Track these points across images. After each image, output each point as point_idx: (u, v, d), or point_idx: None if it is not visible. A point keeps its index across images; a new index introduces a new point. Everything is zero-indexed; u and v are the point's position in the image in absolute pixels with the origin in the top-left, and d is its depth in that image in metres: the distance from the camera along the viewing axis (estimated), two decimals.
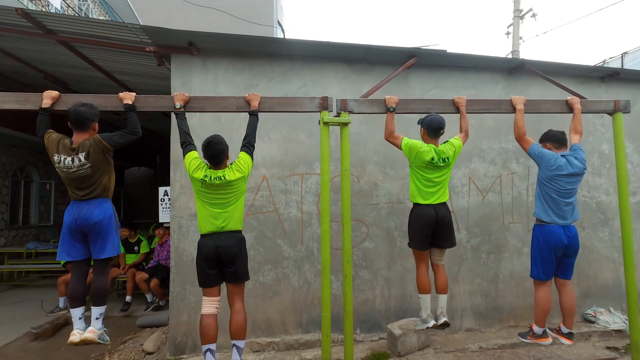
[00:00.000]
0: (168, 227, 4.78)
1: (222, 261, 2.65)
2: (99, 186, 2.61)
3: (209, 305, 2.68)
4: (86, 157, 2.53)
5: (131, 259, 5.67)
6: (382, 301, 3.92)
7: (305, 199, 3.85)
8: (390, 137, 3.08)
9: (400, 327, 3.58)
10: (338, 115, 2.97)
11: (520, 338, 3.15)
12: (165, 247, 5.42)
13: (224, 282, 2.78)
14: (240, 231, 2.76)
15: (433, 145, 3.00)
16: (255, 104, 2.84)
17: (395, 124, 3.08)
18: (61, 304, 5.14)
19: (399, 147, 3.07)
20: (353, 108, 3.00)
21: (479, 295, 4.11)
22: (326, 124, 2.87)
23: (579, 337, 3.86)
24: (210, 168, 2.67)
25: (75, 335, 2.53)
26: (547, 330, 3.08)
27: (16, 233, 7.93)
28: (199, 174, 2.61)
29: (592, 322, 4.10)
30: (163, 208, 4.36)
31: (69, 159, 2.52)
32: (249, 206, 3.72)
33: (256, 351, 3.63)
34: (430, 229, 3.00)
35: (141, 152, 12.05)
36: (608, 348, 3.58)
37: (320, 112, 2.90)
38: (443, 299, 3.10)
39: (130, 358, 3.85)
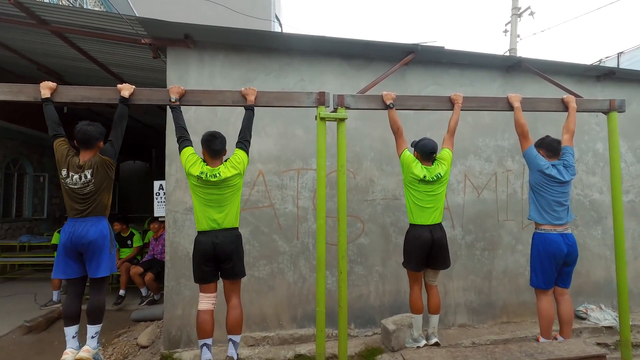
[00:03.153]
0: (163, 221, 4.76)
1: (219, 258, 2.67)
2: (98, 203, 2.64)
3: (206, 302, 2.71)
4: (92, 174, 2.58)
5: (125, 253, 5.65)
6: (376, 297, 3.94)
7: (301, 194, 3.85)
8: (398, 137, 3.13)
9: (394, 322, 3.60)
10: (335, 110, 2.97)
11: None
12: (160, 241, 5.40)
13: (220, 278, 2.79)
14: (236, 228, 2.78)
15: (425, 166, 3.09)
16: (251, 98, 2.83)
17: None
18: (54, 298, 5.12)
19: (398, 152, 3.15)
20: (350, 104, 2.99)
21: (473, 291, 4.15)
22: (323, 119, 2.86)
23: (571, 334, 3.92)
24: (206, 164, 2.66)
25: (68, 355, 2.53)
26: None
27: (9, 226, 7.86)
28: (195, 170, 2.61)
29: (583, 319, 4.15)
30: (158, 202, 4.34)
31: (77, 176, 2.57)
32: (245, 201, 3.71)
33: (251, 345, 3.64)
34: (426, 251, 3.06)
35: (136, 145, 11.97)
36: (598, 344, 3.62)
37: (317, 107, 2.89)
38: (435, 319, 3.17)
39: (124, 352, 3.84)
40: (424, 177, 3.01)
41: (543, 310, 3.15)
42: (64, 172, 2.58)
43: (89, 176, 2.57)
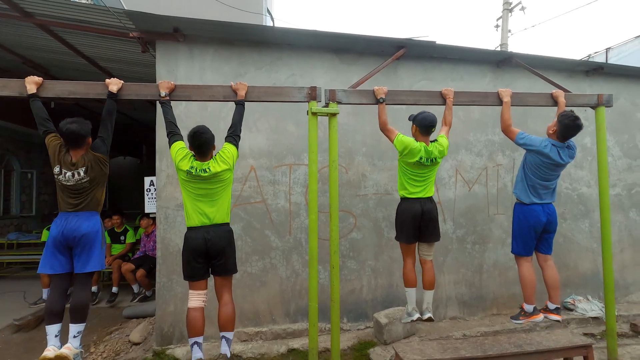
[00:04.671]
0: (154, 218, 4.72)
1: (211, 254, 2.63)
2: (92, 199, 2.60)
3: (196, 299, 2.65)
4: (85, 172, 2.54)
5: (117, 249, 5.60)
6: (369, 291, 3.97)
7: (293, 189, 3.85)
8: (385, 130, 3.09)
9: (386, 316, 3.64)
10: (326, 105, 2.96)
11: (513, 321, 3.22)
12: (152, 237, 5.35)
13: (211, 275, 2.76)
14: (228, 224, 2.74)
15: (424, 144, 3.02)
16: (242, 93, 2.80)
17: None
18: (44, 296, 5.06)
19: (391, 141, 3.08)
20: (342, 98, 2.98)
21: (464, 284, 4.21)
22: (314, 114, 2.85)
23: (558, 325, 4.00)
24: (196, 159, 2.63)
25: (50, 351, 2.40)
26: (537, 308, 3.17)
27: None
28: (185, 165, 2.57)
29: (571, 310, 4.24)
30: (149, 198, 4.30)
31: (69, 173, 2.52)
32: (237, 197, 3.69)
33: (244, 341, 3.64)
34: (416, 223, 3.04)
35: (127, 141, 11.82)
36: (585, 334, 3.72)
37: (308, 102, 2.88)
38: (429, 294, 3.15)
39: (116, 349, 3.83)
40: (420, 158, 2.98)
41: (525, 276, 3.18)
42: (56, 169, 2.54)
43: (82, 173, 2.54)
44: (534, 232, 3.14)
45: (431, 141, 3.08)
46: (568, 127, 3.06)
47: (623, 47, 10.03)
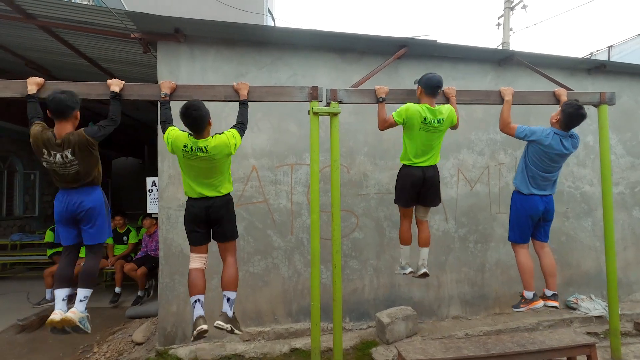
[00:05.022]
0: (156, 218, 4.73)
1: (211, 220, 2.67)
2: (89, 177, 2.59)
3: (197, 261, 2.72)
4: (73, 154, 2.46)
5: (119, 249, 5.62)
6: (371, 290, 3.97)
7: (295, 189, 3.85)
8: (384, 124, 3.06)
9: (388, 315, 3.64)
10: (328, 105, 2.96)
11: (515, 309, 3.22)
12: (154, 237, 5.37)
13: (214, 242, 2.78)
14: (228, 193, 2.74)
15: (427, 105, 2.93)
16: (244, 92, 2.81)
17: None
18: (48, 296, 5.08)
19: (394, 123, 3.00)
20: (343, 98, 2.98)
21: (466, 283, 4.20)
22: (316, 114, 2.85)
23: (561, 324, 3.99)
24: (190, 135, 2.55)
25: (57, 314, 2.43)
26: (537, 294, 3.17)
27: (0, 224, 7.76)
28: (179, 144, 2.52)
29: (574, 309, 4.23)
30: (151, 199, 4.32)
31: (58, 155, 2.45)
32: (239, 197, 3.70)
33: (246, 340, 3.65)
34: (416, 188, 3.04)
35: (129, 142, 11.85)
36: (588, 333, 3.70)
37: (309, 102, 2.88)
38: (424, 251, 3.22)
39: (119, 349, 3.84)
40: (425, 119, 2.89)
41: (522, 263, 3.19)
42: (45, 154, 2.46)
43: (69, 156, 2.45)
44: (530, 220, 3.15)
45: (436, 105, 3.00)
46: (571, 116, 3.00)
47: (625, 44, 9.99)
